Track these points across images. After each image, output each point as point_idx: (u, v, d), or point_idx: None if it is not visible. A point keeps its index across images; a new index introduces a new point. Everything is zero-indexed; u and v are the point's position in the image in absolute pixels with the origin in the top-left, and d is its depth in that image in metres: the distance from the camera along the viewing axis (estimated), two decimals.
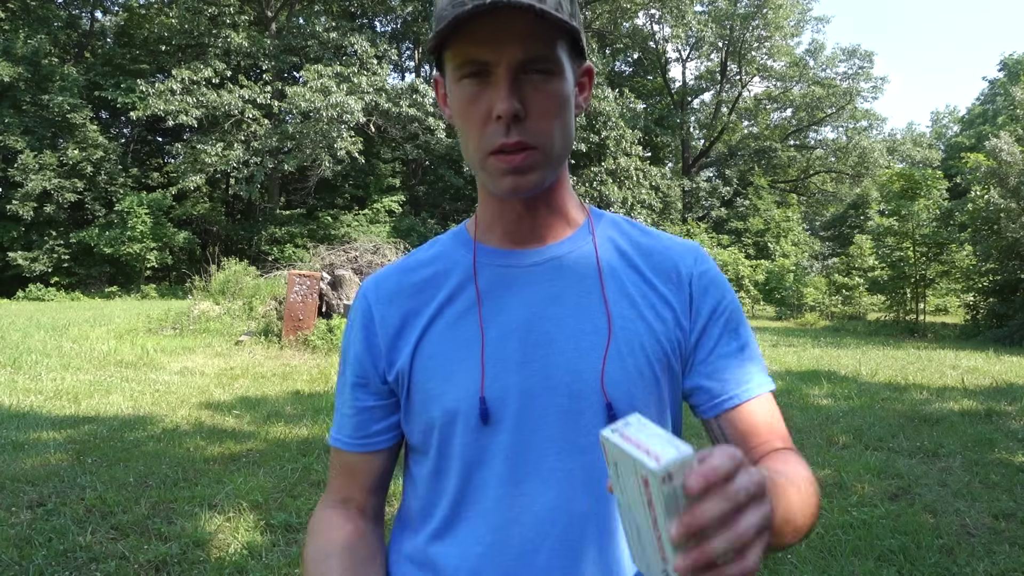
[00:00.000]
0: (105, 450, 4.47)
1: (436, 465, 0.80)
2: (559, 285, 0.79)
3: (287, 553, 3.02)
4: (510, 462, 0.75)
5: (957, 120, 45.89)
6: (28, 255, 22.50)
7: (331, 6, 27.92)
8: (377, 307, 0.84)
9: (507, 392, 0.76)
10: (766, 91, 35.09)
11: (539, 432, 0.75)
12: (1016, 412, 5.86)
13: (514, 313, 0.78)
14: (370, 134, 26.04)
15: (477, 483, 0.76)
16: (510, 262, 0.81)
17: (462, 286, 0.81)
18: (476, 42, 0.69)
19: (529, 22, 0.68)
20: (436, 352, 0.79)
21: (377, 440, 0.85)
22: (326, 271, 10.38)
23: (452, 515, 0.78)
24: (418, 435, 0.81)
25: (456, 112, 0.75)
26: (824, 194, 36.06)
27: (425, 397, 0.79)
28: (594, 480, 0.74)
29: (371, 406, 0.84)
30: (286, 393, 6.54)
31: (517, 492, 0.74)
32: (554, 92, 0.72)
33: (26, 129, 22.51)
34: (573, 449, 0.74)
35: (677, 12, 30.08)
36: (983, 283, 15.01)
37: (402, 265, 0.87)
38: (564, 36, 0.72)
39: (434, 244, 0.88)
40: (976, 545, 3.11)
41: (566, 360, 0.75)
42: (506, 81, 0.70)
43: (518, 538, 0.73)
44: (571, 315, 0.77)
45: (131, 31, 26.99)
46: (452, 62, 0.73)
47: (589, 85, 0.82)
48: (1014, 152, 13.55)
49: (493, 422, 0.75)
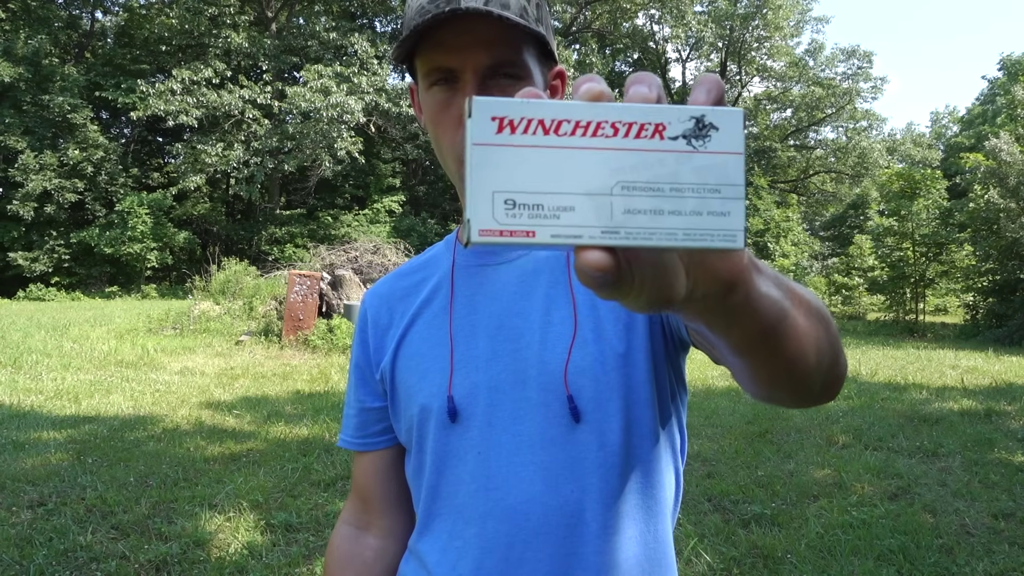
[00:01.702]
0: (105, 450, 4.47)
1: (416, 462, 0.83)
2: (529, 280, 0.80)
3: (287, 553, 3.02)
4: (482, 457, 0.76)
5: (956, 120, 45.89)
6: (28, 255, 22.50)
7: (331, 6, 27.91)
8: (371, 310, 0.89)
9: (476, 389, 0.77)
10: (766, 91, 35.07)
11: (510, 427, 0.76)
12: (1015, 412, 5.87)
13: (485, 311, 0.80)
14: (370, 134, 26.04)
15: (451, 479, 0.78)
16: (484, 262, 0.83)
17: (441, 288, 0.84)
18: (442, 50, 0.71)
19: (493, 28, 0.70)
20: (414, 352, 0.83)
21: (378, 440, 0.89)
22: (326, 271, 10.38)
23: (428, 511, 0.81)
24: (403, 433, 0.85)
25: (428, 119, 0.77)
26: (824, 194, 36.04)
27: (406, 395, 0.82)
28: (568, 472, 0.74)
29: (372, 407, 0.88)
30: (286, 393, 6.55)
31: (491, 486, 0.75)
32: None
33: (26, 129, 22.51)
34: (544, 442, 0.75)
35: (677, 12, 30.07)
36: (982, 283, 15.01)
37: (401, 270, 0.92)
38: (530, 41, 0.74)
39: (428, 251, 0.92)
40: (975, 545, 3.12)
41: (533, 354, 0.76)
42: (472, 86, 0.72)
43: (493, 532, 0.75)
44: (539, 308, 0.78)
45: (131, 31, 26.98)
46: (421, 69, 0.75)
47: (562, 87, 0.83)
48: (1013, 152, 13.56)
49: (462, 419, 0.77)
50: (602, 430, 0.75)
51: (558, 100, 0.35)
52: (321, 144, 23.29)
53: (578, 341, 0.76)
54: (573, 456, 0.74)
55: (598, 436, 0.75)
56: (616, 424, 0.75)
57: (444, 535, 0.79)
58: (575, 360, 0.75)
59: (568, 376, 0.74)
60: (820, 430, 5.28)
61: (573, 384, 0.74)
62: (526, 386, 0.76)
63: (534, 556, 0.73)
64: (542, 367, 0.75)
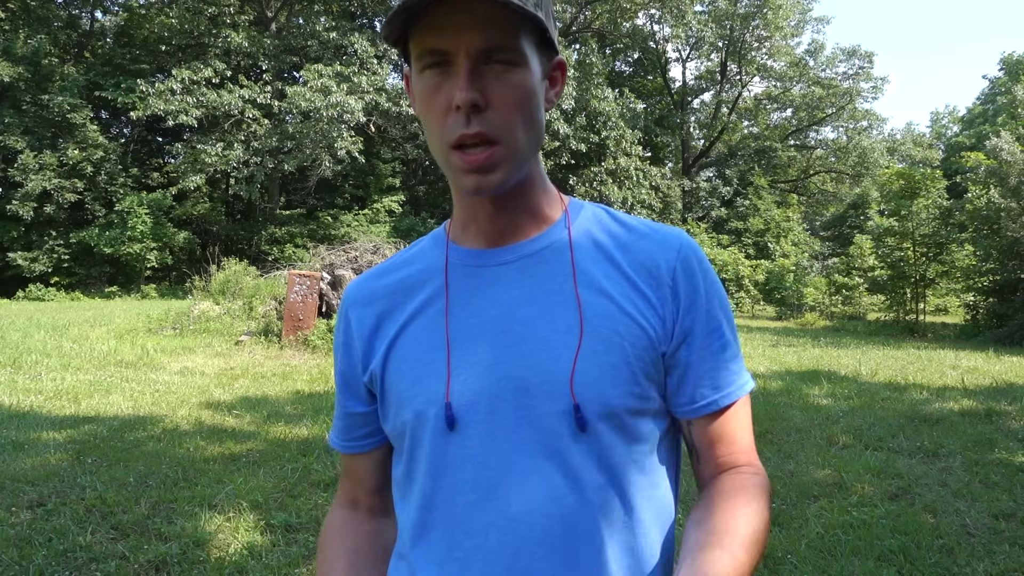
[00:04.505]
0: (105, 450, 4.47)
1: (407, 468, 0.80)
2: (530, 284, 0.77)
3: (287, 553, 3.02)
4: (482, 467, 0.74)
5: (956, 120, 45.91)
6: (28, 255, 22.50)
7: (331, 6, 27.90)
8: (353, 310, 0.85)
9: (476, 396, 0.74)
10: (766, 91, 35.07)
11: (511, 436, 0.73)
12: (1016, 412, 5.86)
13: (484, 315, 0.77)
14: (370, 134, 26.04)
15: (448, 488, 0.75)
16: (481, 262, 0.80)
17: (434, 288, 0.81)
18: (435, 31, 0.68)
19: (488, 9, 0.67)
20: (408, 355, 0.79)
21: (364, 443, 0.88)
22: (326, 271, 10.38)
23: (422, 521, 0.78)
24: (394, 437, 0.82)
25: (419, 104, 0.74)
26: (824, 194, 36.05)
27: (398, 400, 0.79)
28: (572, 481, 0.72)
29: (356, 412, 0.86)
30: (286, 393, 6.54)
31: (492, 496, 0.73)
32: (517, 83, 0.71)
33: (26, 129, 22.50)
34: (547, 451, 0.73)
35: (677, 12, 30.06)
36: (983, 283, 15.00)
37: (380, 268, 0.87)
38: (528, 26, 0.71)
39: (414, 245, 0.88)
40: (976, 545, 3.12)
41: (537, 361, 0.74)
42: (465, 70, 0.68)
43: (496, 543, 0.73)
44: (542, 314, 0.75)
45: (131, 31, 26.97)
46: (414, 52, 0.72)
47: (561, 79, 0.80)
48: (1014, 151, 13.55)
49: (460, 427, 0.74)
50: (607, 440, 0.73)
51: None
52: (321, 144, 23.28)
53: (585, 350, 0.73)
54: (577, 465, 0.73)
55: (602, 446, 0.73)
56: (621, 434, 0.74)
57: (442, 546, 0.76)
58: (581, 369, 0.73)
59: (575, 385, 0.72)
60: (820, 430, 5.27)
61: (580, 393, 0.72)
62: (529, 394, 0.73)
63: (539, 567, 0.72)
64: (547, 375, 0.73)
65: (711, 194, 32.78)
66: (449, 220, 0.86)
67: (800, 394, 6.74)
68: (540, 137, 0.76)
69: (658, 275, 0.77)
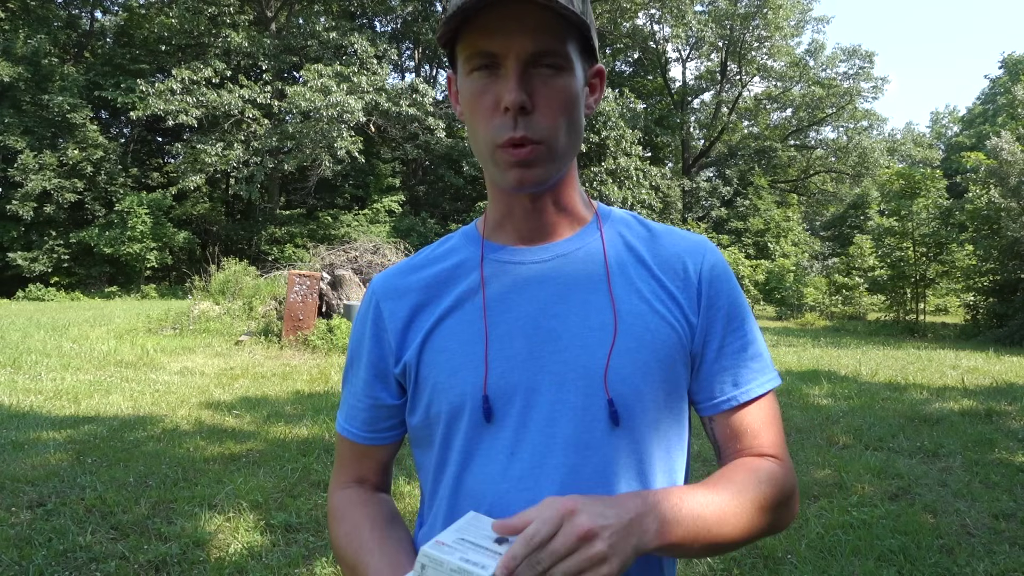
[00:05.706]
0: (105, 450, 4.47)
1: (440, 457, 0.82)
2: (565, 282, 0.80)
3: (287, 553, 3.01)
4: (514, 458, 0.76)
5: (957, 120, 45.91)
6: (28, 255, 22.51)
7: (331, 6, 27.91)
8: (385, 303, 0.86)
9: (513, 389, 0.77)
10: (766, 91, 35.05)
11: (545, 428, 0.76)
12: (1016, 412, 5.86)
13: (520, 311, 0.79)
14: (370, 134, 26.05)
15: (479, 477, 0.78)
16: (517, 259, 0.82)
17: (470, 283, 0.83)
18: (486, 34, 0.71)
19: (539, 15, 0.70)
20: (443, 347, 0.81)
21: (388, 435, 0.89)
22: (326, 271, 10.38)
23: (451, 508, 0.80)
24: (423, 427, 0.84)
25: (465, 105, 0.77)
26: (824, 194, 36.03)
27: (432, 391, 0.81)
28: (599, 475, 0.75)
29: (387, 404, 0.87)
30: (286, 393, 6.54)
31: (522, 487, 0.75)
32: (562, 87, 0.73)
33: (26, 129, 22.51)
34: (579, 445, 0.75)
35: (677, 12, 30.07)
36: (983, 283, 14.99)
37: (411, 262, 0.89)
38: (574, 32, 0.73)
39: (445, 241, 0.90)
40: (976, 545, 3.11)
41: (573, 356, 0.77)
42: (515, 73, 0.71)
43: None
44: (577, 312, 0.78)
45: (131, 31, 26.98)
46: (463, 54, 0.74)
47: (600, 86, 0.83)
48: (1015, 151, 13.55)
49: (497, 419, 0.77)
50: (638, 436, 0.76)
51: None
52: (321, 144, 23.29)
53: (619, 347, 0.76)
54: (607, 459, 0.75)
55: (633, 441, 0.76)
56: (651, 431, 0.77)
57: None
58: (615, 365, 0.76)
59: (608, 380, 0.75)
60: (821, 430, 5.27)
61: (613, 388, 0.75)
62: (563, 389, 0.76)
63: None
64: (582, 370, 0.76)
65: (711, 194, 32.76)
66: (479, 220, 0.89)
67: (800, 394, 6.74)
68: (579, 141, 0.79)
69: (686, 277, 0.81)
